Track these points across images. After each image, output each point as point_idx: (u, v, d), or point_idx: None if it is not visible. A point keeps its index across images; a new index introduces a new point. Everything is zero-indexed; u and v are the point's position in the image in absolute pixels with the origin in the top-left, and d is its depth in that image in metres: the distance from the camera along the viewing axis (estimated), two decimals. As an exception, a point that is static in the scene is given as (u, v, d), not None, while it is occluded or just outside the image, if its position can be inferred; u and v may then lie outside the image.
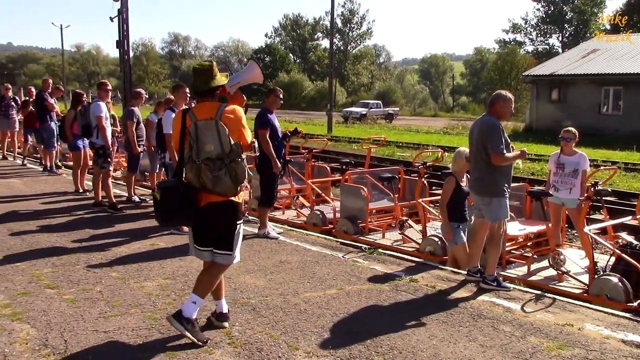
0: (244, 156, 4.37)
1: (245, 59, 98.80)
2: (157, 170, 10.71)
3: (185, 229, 8.07)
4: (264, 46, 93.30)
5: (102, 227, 8.24)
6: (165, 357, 4.22)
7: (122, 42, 20.04)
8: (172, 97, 10.23)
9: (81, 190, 10.92)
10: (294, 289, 5.81)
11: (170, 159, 9.31)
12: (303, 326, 4.88)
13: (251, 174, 4.58)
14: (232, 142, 4.27)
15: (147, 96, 10.61)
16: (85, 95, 11.76)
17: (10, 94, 15.56)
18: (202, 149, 4.25)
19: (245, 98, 4.88)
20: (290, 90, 72.92)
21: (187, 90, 8.57)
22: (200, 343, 4.42)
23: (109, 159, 9.60)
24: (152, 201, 10.21)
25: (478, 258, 6.22)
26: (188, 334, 4.41)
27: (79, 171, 11.10)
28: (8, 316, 4.90)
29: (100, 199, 9.66)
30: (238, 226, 4.54)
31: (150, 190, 11.18)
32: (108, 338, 4.53)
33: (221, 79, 4.58)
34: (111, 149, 9.68)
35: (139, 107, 10.32)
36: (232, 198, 4.41)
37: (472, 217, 6.55)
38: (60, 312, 5.02)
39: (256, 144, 4.65)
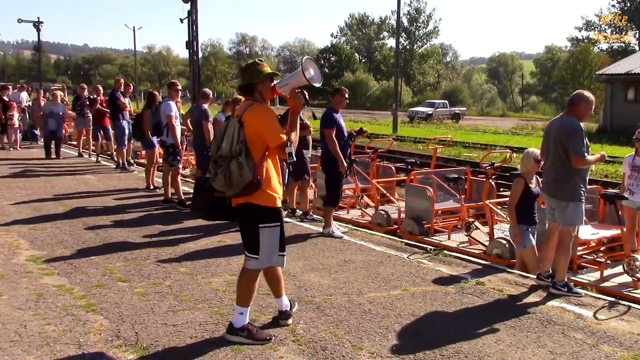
0: (242, 160, 4.15)
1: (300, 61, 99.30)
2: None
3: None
4: (329, 46, 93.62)
5: (171, 224, 8.46)
6: (231, 352, 4.29)
7: (192, 43, 20.44)
8: (239, 96, 10.40)
9: (152, 187, 11.24)
10: (358, 289, 5.80)
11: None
12: (367, 326, 4.87)
13: (249, 177, 4.18)
14: (239, 141, 4.18)
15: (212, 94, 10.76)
16: (159, 96, 12.09)
17: (85, 93, 16.16)
18: (220, 146, 4.29)
19: (302, 100, 4.52)
20: (356, 89, 72.86)
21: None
22: (262, 343, 4.44)
23: (179, 157, 9.84)
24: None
25: (550, 262, 6.04)
26: (248, 341, 4.42)
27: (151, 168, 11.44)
28: (83, 307, 5.10)
29: (170, 195, 9.92)
30: (262, 230, 4.36)
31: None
32: (177, 331, 4.64)
33: (258, 77, 4.40)
34: (180, 147, 9.92)
35: (208, 106, 10.51)
36: (253, 201, 4.29)
37: (546, 221, 6.37)
38: (132, 305, 5.18)
39: (290, 150, 4.28)
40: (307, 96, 4.60)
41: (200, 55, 21.52)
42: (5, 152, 16.96)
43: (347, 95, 8.13)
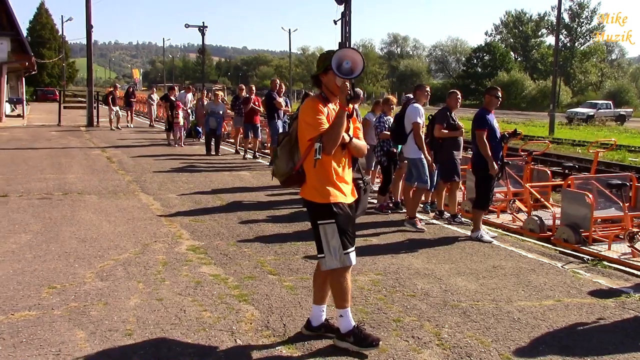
0: (280, 151, 4.25)
1: (464, 58, 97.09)
2: (373, 168, 11.00)
3: (420, 225, 8.23)
4: (483, 44, 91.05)
5: (320, 221, 8.64)
6: (376, 351, 4.30)
7: (344, 43, 20.79)
8: (390, 97, 10.44)
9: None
10: (507, 296, 5.59)
11: (385, 155, 9.50)
12: (516, 335, 4.68)
13: (284, 168, 4.21)
14: (288, 131, 4.32)
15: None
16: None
17: (243, 93, 17.01)
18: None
19: (346, 94, 3.99)
20: (510, 89, 70.28)
21: (428, 89, 8.78)
22: (367, 352, 4.24)
23: None
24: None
25: None
26: (354, 348, 4.25)
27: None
28: (236, 297, 5.37)
29: None
30: (320, 227, 4.21)
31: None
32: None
33: (319, 68, 4.24)
34: None
35: (359, 106, 10.65)
36: (305, 195, 4.24)
37: None
38: (281, 298, 5.37)
39: (316, 147, 4.05)
40: (353, 91, 4.05)
41: (352, 56, 21.79)
42: (170, 148, 18.28)
43: (499, 95, 7.87)
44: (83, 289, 5.46)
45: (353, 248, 4.31)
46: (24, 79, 41.81)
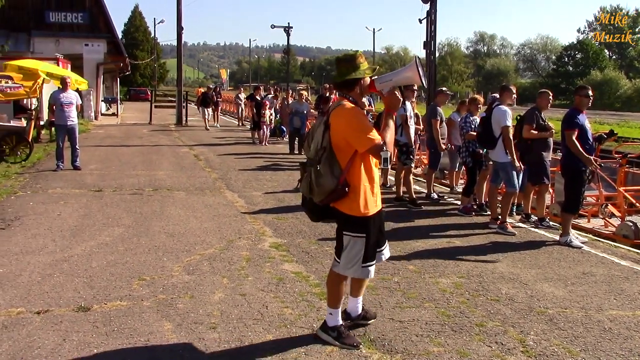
0: (322, 167, 3.89)
1: (554, 56, 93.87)
2: (457, 169, 10.84)
3: (511, 229, 8.06)
4: (575, 42, 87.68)
5: (402, 221, 8.59)
6: (456, 355, 4.23)
7: (429, 42, 20.57)
8: (477, 96, 10.25)
9: (387, 185, 11.52)
10: (598, 304, 5.36)
11: (468, 156, 9.32)
12: (606, 346, 4.48)
13: (329, 185, 3.91)
14: (323, 145, 3.90)
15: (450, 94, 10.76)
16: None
17: (327, 93, 17.12)
18: (310, 148, 4.06)
19: (400, 100, 4.14)
20: (603, 89, 67.42)
21: (514, 90, 8.55)
22: (348, 348, 4.27)
23: (412, 156, 9.97)
24: (450, 199, 10.37)
25: None
26: (336, 343, 4.29)
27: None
28: (317, 295, 5.40)
29: (402, 194, 10.09)
30: (345, 237, 4.11)
31: (448, 189, 11.33)
32: (403, 328, 4.71)
33: (362, 72, 4.01)
34: (414, 147, 10.03)
35: (443, 106, 10.51)
36: (339, 207, 4.03)
37: None
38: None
39: (385, 156, 3.89)
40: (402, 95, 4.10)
41: (436, 54, 21.55)
42: (255, 147, 18.64)
43: (590, 95, 7.56)
44: (171, 281, 5.65)
45: (374, 262, 4.24)
46: (118, 79, 43.79)
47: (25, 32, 27.96)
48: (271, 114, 19.58)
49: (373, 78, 4.12)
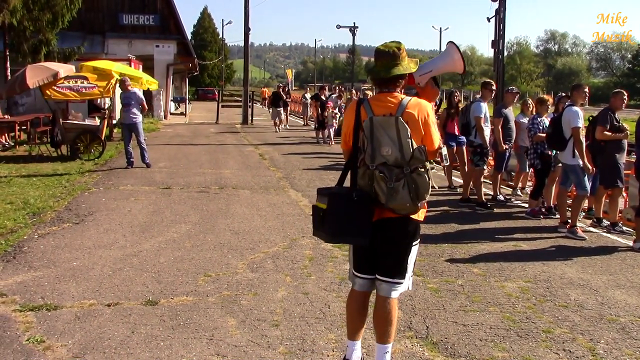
0: (429, 165, 3.48)
1: (629, 55, 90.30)
2: (526, 171, 10.58)
3: (581, 233, 7.83)
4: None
5: (467, 223, 8.46)
6: (522, 361, 4.14)
7: (497, 41, 20.17)
8: (545, 96, 9.98)
9: (452, 186, 11.36)
10: (674, 314, 5.13)
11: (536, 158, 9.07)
12: (682, 358, 4.28)
13: (435, 186, 3.56)
14: (415, 145, 3.43)
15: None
16: (458, 96, 12.19)
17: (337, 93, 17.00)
18: (377, 152, 3.46)
19: (439, 91, 3.87)
20: (682, 88, 64.34)
21: (587, 89, 8.28)
22: None
23: (485, 158, 9.74)
24: (517, 202, 10.14)
25: None
26: None
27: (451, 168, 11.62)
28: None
29: (469, 195, 9.92)
30: (413, 249, 3.68)
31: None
32: (466, 331, 4.64)
33: (409, 66, 3.63)
34: (488, 148, 9.78)
35: (512, 106, 10.25)
36: (416, 217, 3.60)
37: None
38: (424, 299, 5.31)
39: (445, 152, 3.68)
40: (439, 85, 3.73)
41: (505, 54, 21.12)
42: (320, 147, 18.73)
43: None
44: (235, 278, 5.75)
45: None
46: (187, 79, 44.87)
47: (99, 34, 29.06)
48: (336, 114, 19.59)
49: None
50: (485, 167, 9.88)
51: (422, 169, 3.43)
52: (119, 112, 14.90)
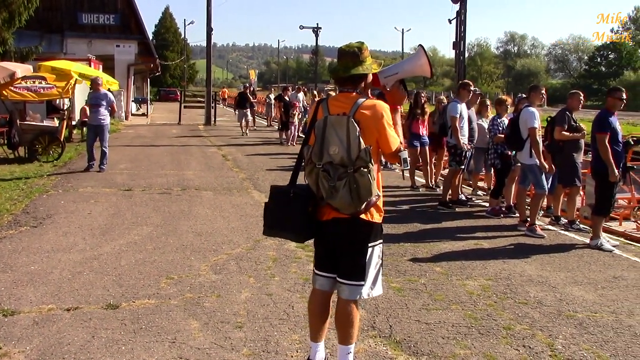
0: (372, 166, 3.40)
1: (586, 56, 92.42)
2: (485, 172, 10.71)
3: (540, 232, 7.96)
4: (608, 42, 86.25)
5: (429, 223, 8.55)
6: (484, 359, 4.20)
7: (459, 43, 20.45)
8: (504, 97, 10.14)
9: (414, 186, 11.43)
10: (629, 309, 5.27)
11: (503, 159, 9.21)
12: (637, 351, 4.40)
13: (378, 193, 3.53)
14: (363, 146, 3.37)
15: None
16: (425, 96, 12.24)
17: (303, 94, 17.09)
18: (324, 150, 3.45)
19: (406, 94, 3.87)
20: (637, 90, 66.07)
21: (543, 91, 8.43)
22: None
23: (458, 158, 9.72)
24: (478, 200, 10.27)
25: None
26: None
27: (414, 169, 11.71)
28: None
29: (447, 198, 9.83)
30: (370, 250, 3.60)
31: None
32: (429, 330, 4.68)
33: (370, 66, 3.59)
34: (463, 149, 9.70)
35: (474, 107, 10.33)
36: (371, 219, 3.55)
37: None
38: (388, 299, 5.35)
39: (405, 156, 3.57)
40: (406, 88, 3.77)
41: (466, 55, 21.42)
42: (283, 147, 18.70)
43: (624, 97, 7.44)
44: (198, 280, 5.70)
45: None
46: (148, 79, 44.39)
47: (58, 34, 28.53)
48: (299, 114, 19.55)
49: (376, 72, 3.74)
50: (461, 167, 9.80)
51: (365, 170, 3.37)
52: (79, 113, 14.66)
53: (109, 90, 15.80)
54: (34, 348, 4.17)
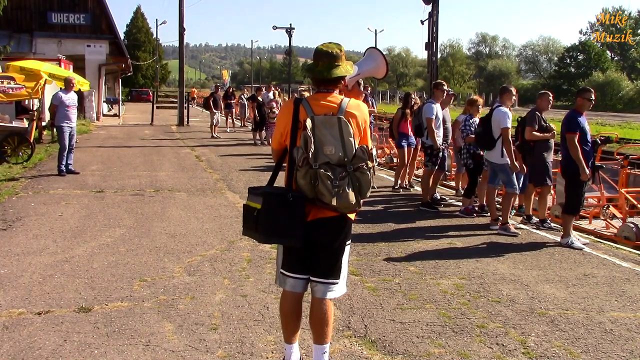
0: (370, 164, 3.48)
1: (556, 57, 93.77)
2: (461, 172, 10.80)
3: (515, 230, 8.04)
4: (577, 44, 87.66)
5: (404, 222, 8.59)
6: (458, 357, 4.23)
7: (431, 44, 20.57)
8: (476, 97, 10.23)
9: (395, 187, 11.41)
10: (599, 306, 5.36)
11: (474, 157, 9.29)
12: (607, 348, 4.47)
13: (375, 186, 3.58)
14: (357, 145, 3.46)
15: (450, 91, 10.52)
16: (413, 96, 12.26)
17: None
18: (319, 151, 3.43)
19: (363, 94, 3.98)
20: (605, 90, 67.44)
21: (514, 91, 8.55)
22: None
23: (434, 159, 9.79)
24: (450, 200, 10.35)
25: None
26: None
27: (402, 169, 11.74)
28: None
29: (429, 199, 9.88)
30: (347, 248, 3.70)
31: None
32: (404, 329, 4.71)
33: (347, 68, 3.65)
34: (441, 149, 9.76)
35: (448, 107, 10.38)
36: (349, 214, 3.60)
37: None
38: (362, 299, 5.36)
39: (374, 153, 3.59)
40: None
41: (438, 55, 21.57)
42: (257, 148, 18.67)
43: (593, 98, 7.56)
44: (172, 282, 5.65)
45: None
46: (120, 80, 43.88)
47: (27, 33, 28.06)
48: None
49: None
50: (435, 168, 9.84)
51: (365, 168, 3.44)
52: (48, 114, 14.44)
53: (79, 89, 15.65)
54: (4, 353, 4.10)
